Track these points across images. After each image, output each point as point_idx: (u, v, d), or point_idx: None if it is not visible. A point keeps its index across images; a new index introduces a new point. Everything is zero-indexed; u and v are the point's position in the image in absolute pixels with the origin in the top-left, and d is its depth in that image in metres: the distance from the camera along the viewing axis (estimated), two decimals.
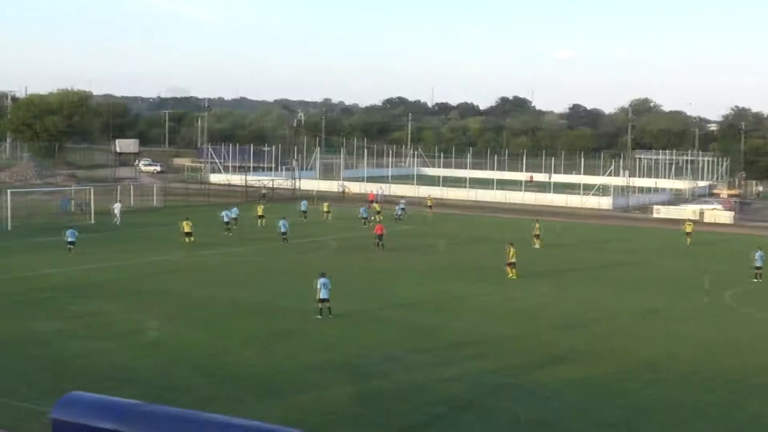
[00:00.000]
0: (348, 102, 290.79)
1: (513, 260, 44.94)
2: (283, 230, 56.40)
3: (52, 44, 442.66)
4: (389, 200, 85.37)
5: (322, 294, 33.72)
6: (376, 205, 75.46)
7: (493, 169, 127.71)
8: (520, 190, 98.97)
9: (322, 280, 33.91)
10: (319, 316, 33.60)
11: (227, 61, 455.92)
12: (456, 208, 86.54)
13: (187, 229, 55.00)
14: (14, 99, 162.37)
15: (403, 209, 74.72)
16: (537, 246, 56.81)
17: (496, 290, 41.78)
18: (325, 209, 72.77)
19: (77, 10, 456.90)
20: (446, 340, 31.33)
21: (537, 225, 58.84)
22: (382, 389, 24.89)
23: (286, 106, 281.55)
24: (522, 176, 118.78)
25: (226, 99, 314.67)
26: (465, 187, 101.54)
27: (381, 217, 69.87)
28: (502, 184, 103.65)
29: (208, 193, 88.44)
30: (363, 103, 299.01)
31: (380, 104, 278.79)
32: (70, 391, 18.26)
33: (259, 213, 65.81)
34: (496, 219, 78.19)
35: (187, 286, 39.96)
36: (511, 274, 44.73)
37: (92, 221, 63.93)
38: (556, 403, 24.25)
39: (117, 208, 65.75)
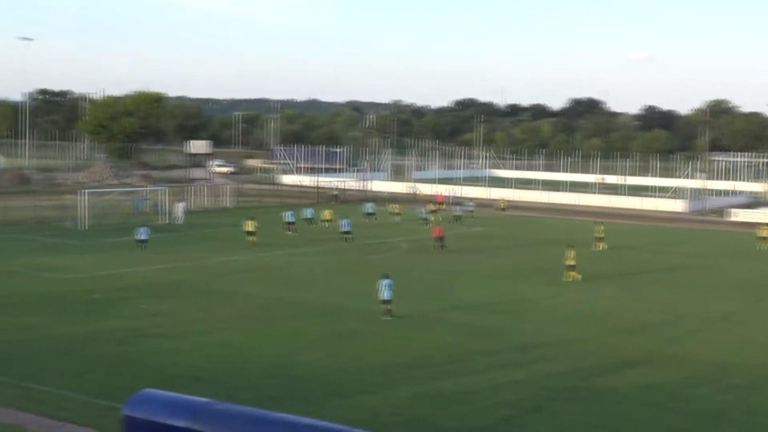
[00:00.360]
0: (419, 103, 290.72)
1: (572, 263, 44.60)
2: (346, 229, 56.92)
3: (127, 47, 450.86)
4: (454, 202, 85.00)
5: (385, 295, 33.89)
6: (430, 205, 75.10)
7: (565, 171, 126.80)
8: (593, 193, 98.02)
9: (385, 282, 34.07)
10: (389, 318, 33.79)
11: (299, 64, 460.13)
12: (528, 210, 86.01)
13: (250, 228, 55.60)
14: (91, 101, 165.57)
15: (470, 210, 74.73)
16: (599, 248, 56.44)
17: (564, 293, 41.44)
18: (395, 211, 72.96)
19: (152, 15, 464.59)
20: (513, 342, 31.21)
21: (601, 227, 58.34)
22: (448, 391, 24.87)
23: (356, 107, 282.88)
24: (595, 178, 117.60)
25: (297, 101, 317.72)
26: (537, 189, 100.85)
27: (441, 217, 69.98)
28: (575, 186, 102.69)
29: (279, 194, 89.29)
30: (434, 104, 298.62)
31: (451, 106, 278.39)
32: (141, 389, 18.61)
33: (327, 217, 66.11)
34: (568, 221, 77.50)
35: (255, 287, 40.41)
36: (568, 278, 44.38)
37: (166, 221, 65.00)
38: (625, 408, 23.98)
39: (180, 208, 66.56)
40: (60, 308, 34.76)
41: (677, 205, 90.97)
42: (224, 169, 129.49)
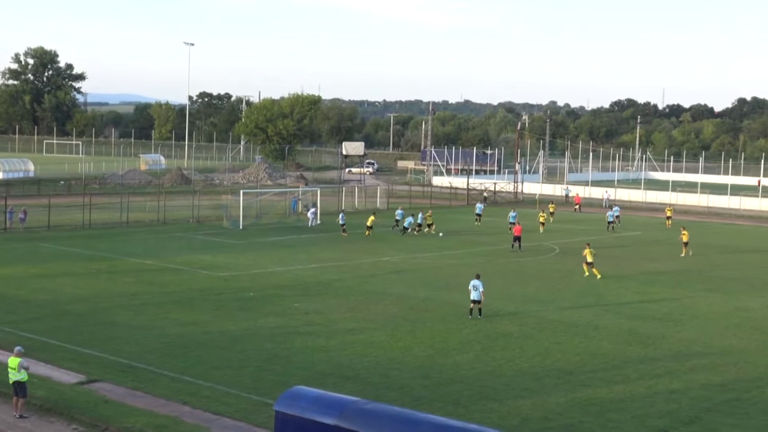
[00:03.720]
0: (574, 104, 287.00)
1: (591, 260, 44.67)
2: (405, 226, 61.07)
3: (283, 50, 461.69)
4: (608, 205, 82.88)
5: (473, 296, 34.23)
6: (543, 211, 71.35)
7: (727, 173, 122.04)
8: (757, 197, 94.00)
9: (473, 282, 34.39)
10: (470, 316, 34.17)
11: (453, 65, 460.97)
12: (686, 215, 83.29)
13: (368, 223, 59.74)
14: (249, 103, 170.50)
15: (616, 215, 71.06)
16: (687, 254, 54.49)
17: (724, 300, 39.81)
18: (545, 214, 71.40)
19: (307, 19, 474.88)
20: (669, 350, 30.14)
21: (685, 232, 55.86)
22: (601, 398, 24.22)
23: (510, 109, 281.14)
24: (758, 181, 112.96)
25: (450, 102, 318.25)
26: (696, 192, 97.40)
27: (552, 220, 70.99)
28: (737, 190, 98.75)
29: (430, 195, 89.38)
30: (589, 105, 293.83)
31: (608, 107, 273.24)
32: (292, 385, 18.84)
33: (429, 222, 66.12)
34: (729, 226, 74.61)
35: (405, 288, 40.45)
36: (585, 272, 44.69)
37: (318, 221, 65.85)
38: None
39: (311, 213, 66.05)
40: (217, 305, 35.69)
41: None
42: (365, 170, 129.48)
